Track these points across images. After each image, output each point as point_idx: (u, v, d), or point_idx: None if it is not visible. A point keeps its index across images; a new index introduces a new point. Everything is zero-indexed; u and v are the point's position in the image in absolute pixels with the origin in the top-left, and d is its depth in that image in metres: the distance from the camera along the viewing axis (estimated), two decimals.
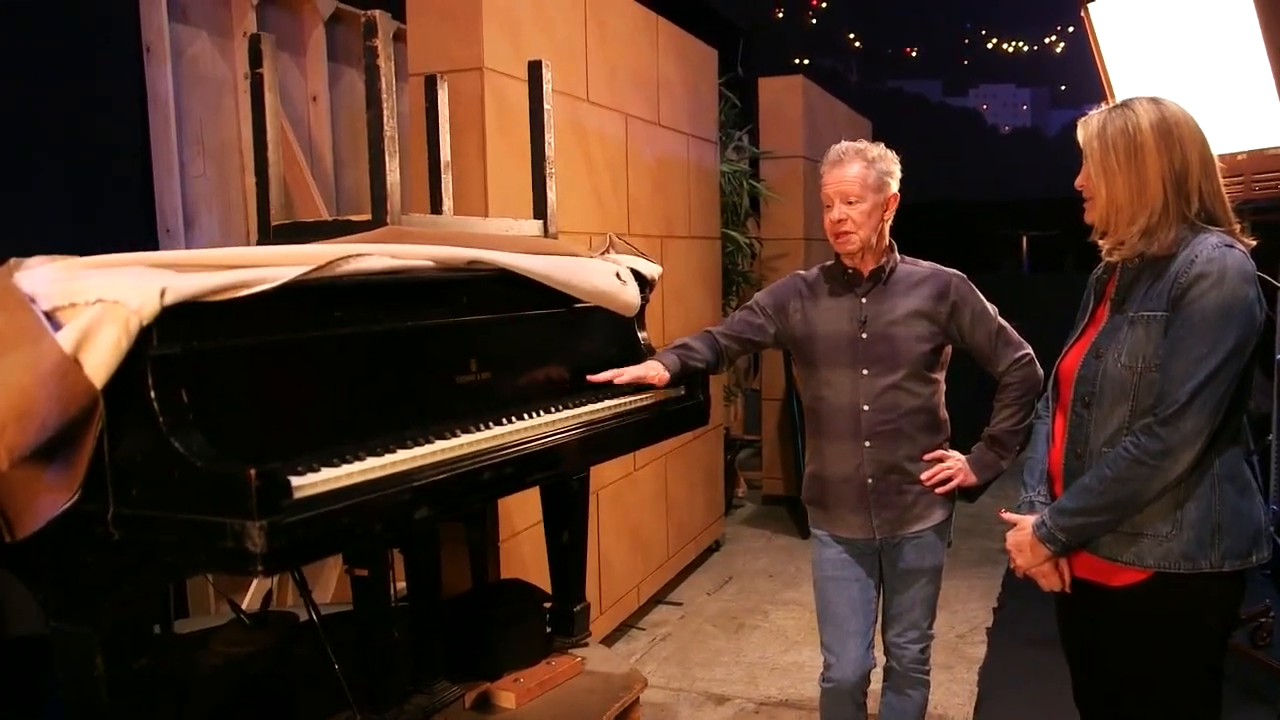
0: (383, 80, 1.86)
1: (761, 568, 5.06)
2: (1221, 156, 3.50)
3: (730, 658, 3.90)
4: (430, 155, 2.36)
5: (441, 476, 1.61)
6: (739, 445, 6.69)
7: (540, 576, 2.98)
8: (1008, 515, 1.99)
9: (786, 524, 5.80)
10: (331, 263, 1.57)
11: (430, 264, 1.80)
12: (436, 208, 2.37)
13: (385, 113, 1.87)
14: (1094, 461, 1.81)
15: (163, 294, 1.32)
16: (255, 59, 2.09)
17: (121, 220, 3.32)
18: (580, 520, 2.60)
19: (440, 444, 1.69)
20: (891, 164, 2.40)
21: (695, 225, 4.86)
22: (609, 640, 3.97)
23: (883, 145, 2.42)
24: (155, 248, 3.34)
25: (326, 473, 1.47)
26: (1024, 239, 12.33)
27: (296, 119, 3.87)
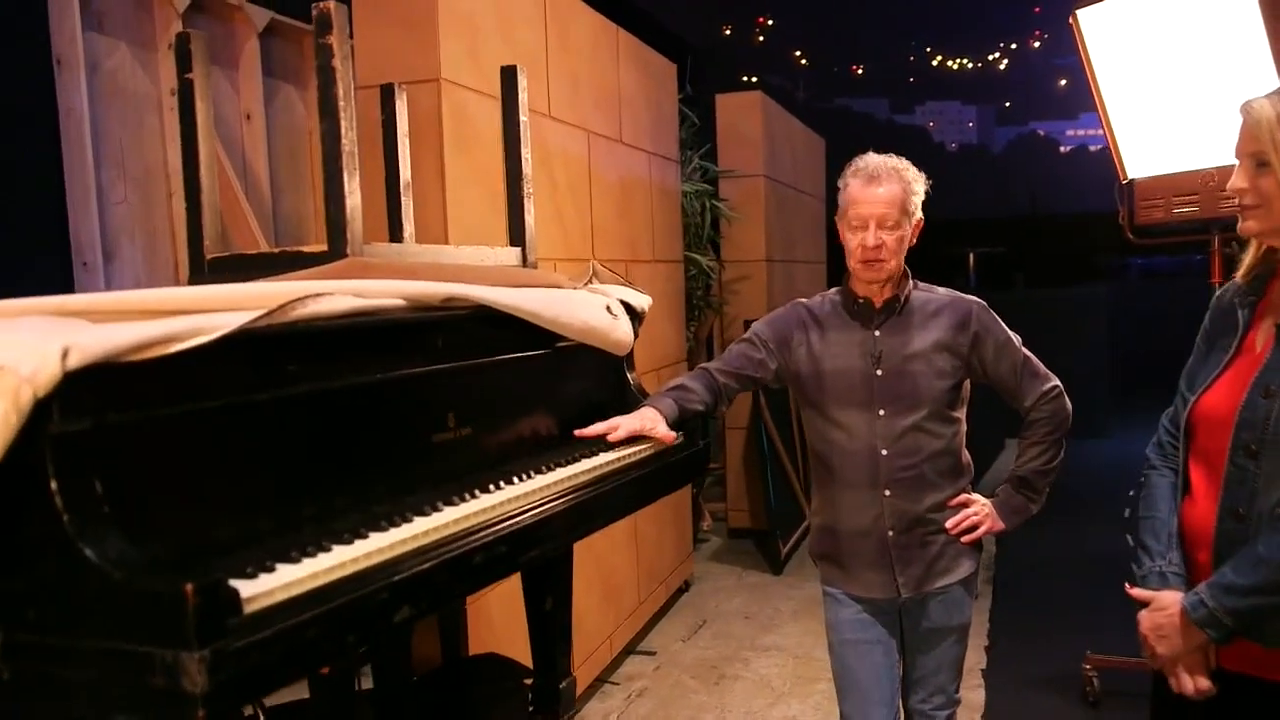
0: (339, 85, 1.56)
1: (736, 609, 4.78)
2: (1214, 170, 3.33)
3: (714, 714, 3.61)
4: (388, 174, 2.06)
5: (426, 565, 1.31)
6: (702, 476, 6.43)
7: (511, 641, 2.67)
8: (1138, 592, 1.66)
9: (756, 559, 5.54)
10: (285, 305, 1.27)
11: (401, 303, 1.50)
12: (396, 235, 2.07)
13: (343, 123, 1.58)
14: (1263, 525, 1.49)
15: (65, 355, 1.01)
16: (184, 62, 1.77)
17: (29, 253, 2.95)
18: (565, 584, 2.30)
19: (421, 522, 1.39)
20: (922, 185, 2.17)
21: (659, 248, 4.61)
22: (582, 699, 3.66)
23: (909, 163, 2.19)
24: (70, 284, 2.98)
25: (285, 573, 1.16)
26: (970, 256, 12.31)
27: (229, 139, 3.53)
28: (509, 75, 2.19)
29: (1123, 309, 10.55)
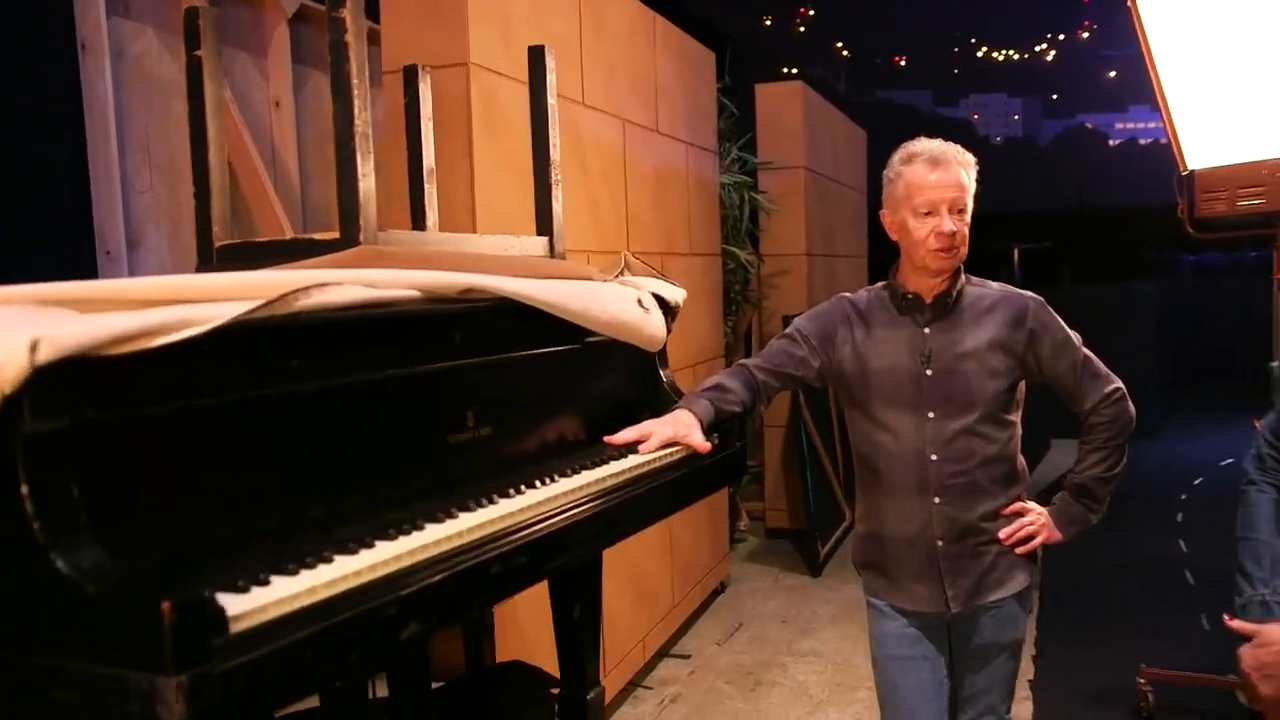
0: (351, 62, 1.46)
1: (772, 611, 4.66)
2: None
3: None
4: (411, 160, 1.96)
5: (438, 577, 1.21)
6: (740, 475, 6.29)
7: (541, 648, 2.57)
8: (1239, 624, 1.54)
9: (794, 560, 5.41)
10: (288, 295, 1.17)
11: (415, 294, 1.40)
12: (419, 223, 1.97)
13: (355, 104, 1.48)
14: None
15: (34, 348, 0.91)
16: (192, 39, 1.68)
17: (52, 241, 2.89)
18: (593, 591, 2.20)
19: (434, 530, 1.28)
20: (974, 173, 2.05)
21: (696, 241, 4.48)
22: (614, 704, 3.56)
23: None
24: (93, 273, 2.92)
25: (280, 586, 1.06)
26: (1015, 251, 12.03)
27: (258, 127, 3.46)
28: (536, 56, 2.08)
29: (1174, 306, 10.27)
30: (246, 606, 1.00)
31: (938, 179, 1.97)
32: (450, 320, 1.49)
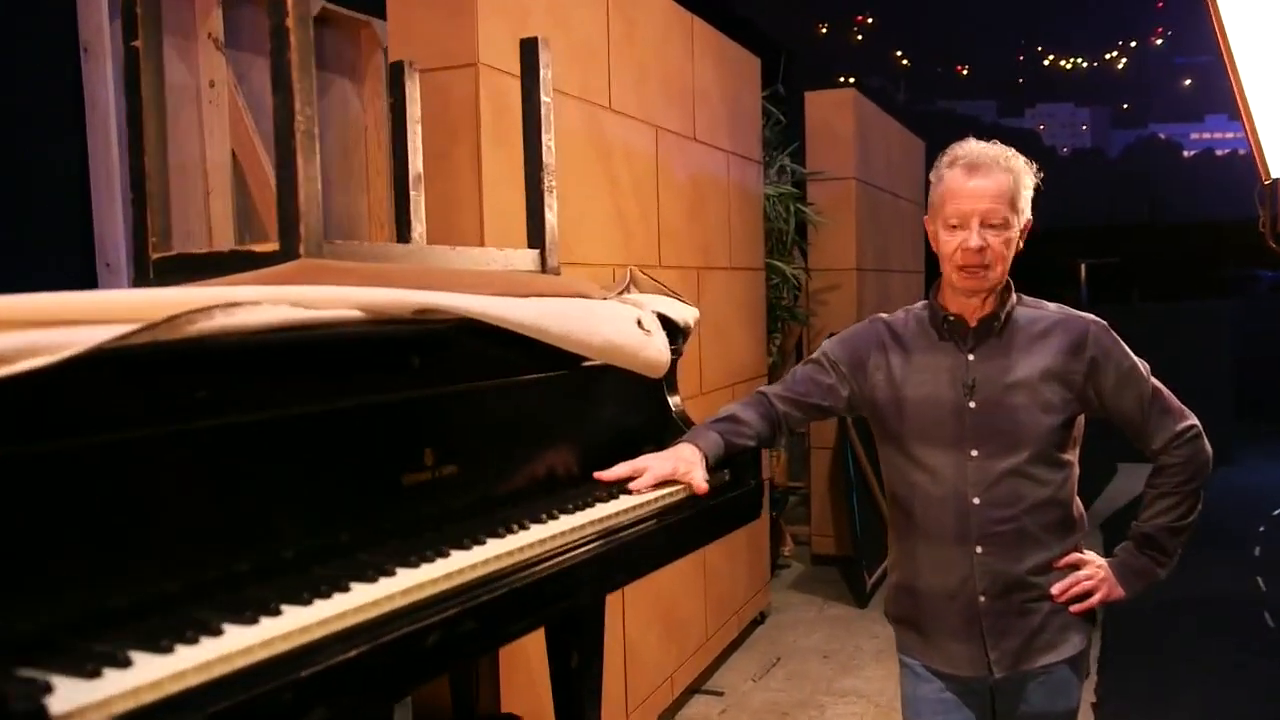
0: (293, 50, 1.28)
1: (814, 646, 4.40)
2: None
3: None
4: (396, 166, 1.78)
5: (354, 653, 1.01)
6: (784, 496, 6.04)
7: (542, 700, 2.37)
8: None
9: (839, 589, 5.15)
10: (179, 318, 0.98)
11: (358, 314, 1.21)
12: (404, 235, 1.78)
13: (297, 97, 1.30)
14: None
15: None
16: (130, 28, 1.52)
17: (51, 252, 2.78)
18: (594, 637, 1.99)
19: (360, 593, 1.09)
20: (1032, 179, 1.80)
21: (736, 255, 4.26)
22: None
23: (1017, 152, 1.82)
24: (93, 286, 2.80)
25: (145, 668, 0.88)
26: (1083, 268, 11.60)
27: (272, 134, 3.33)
28: (528, 48, 1.88)
29: (1249, 324, 9.76)
30: (86, 699, 0.81)
31: (970, 188, 1.74)
32: (402, 344, 1.29)
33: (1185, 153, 39.48)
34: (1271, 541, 5.70)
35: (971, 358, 1.82)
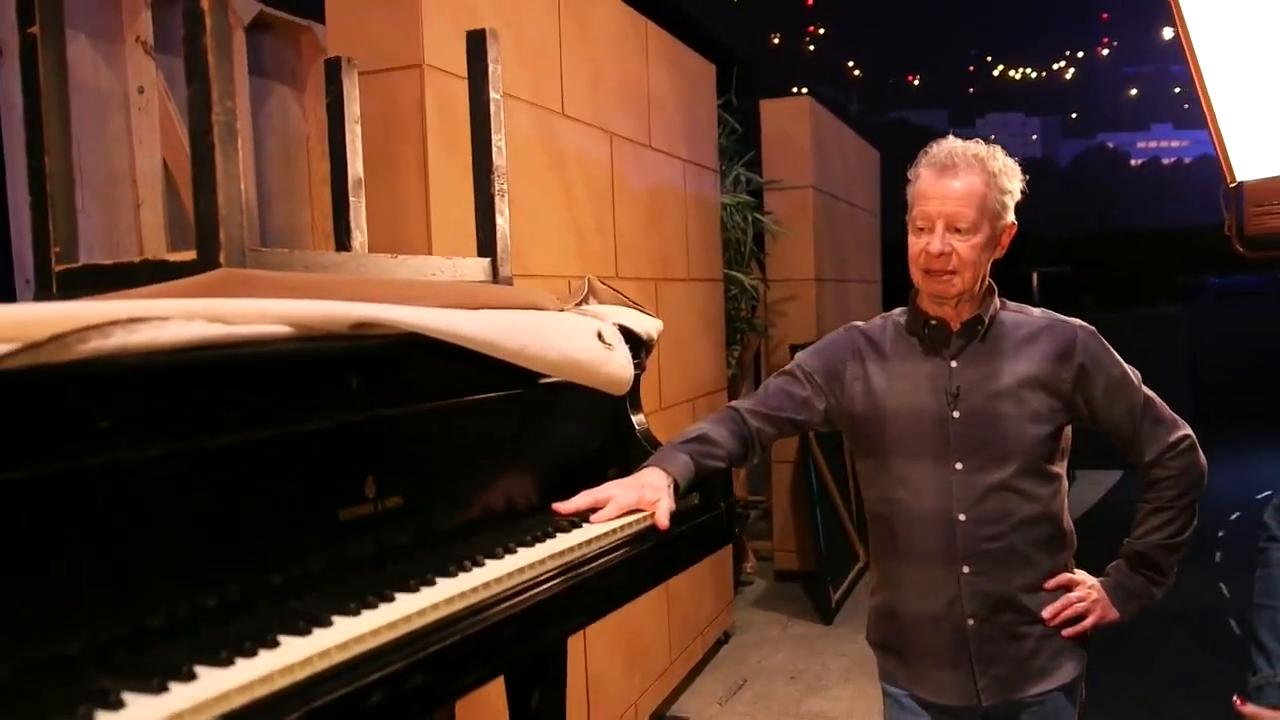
0: (208, 34, 1.14)
1: (779, 666, 4.28)
2: None
3: None
4: (334, 170, 1.64)
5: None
6: (745, 511, 5.92)
7: None
8: (1251, 710, 1.30)
9: (804, 605, 5.04)
10: (66, 336, 0.84)
11: (286, 329, 1.07)
12: (343, 243, 1.64)
13: (214, 88, 1.15)
14: None
15: None
16: (26, 15, 1.37)
17: None
18: (556, 673, 1.85)
19: (290, 648, 0.94)
20: (1015, 180, 1.70)
21: (695, 266, 4.15)
22: None
23: (1002, 151, 1.72)
24: (13, 301, 2.61)
25: None
26: (1035, 276, 11.65)
27: None
28: (474, 41, 1.75)
29: (1202, 330, 9.86)
30: None
31: (938, 189, 1.65)
32: (338, 363, 1.15)
33: (1133, 161, 40.18)
34: (1231, 546, 5.69)
35: (954, 364, 1.72)
